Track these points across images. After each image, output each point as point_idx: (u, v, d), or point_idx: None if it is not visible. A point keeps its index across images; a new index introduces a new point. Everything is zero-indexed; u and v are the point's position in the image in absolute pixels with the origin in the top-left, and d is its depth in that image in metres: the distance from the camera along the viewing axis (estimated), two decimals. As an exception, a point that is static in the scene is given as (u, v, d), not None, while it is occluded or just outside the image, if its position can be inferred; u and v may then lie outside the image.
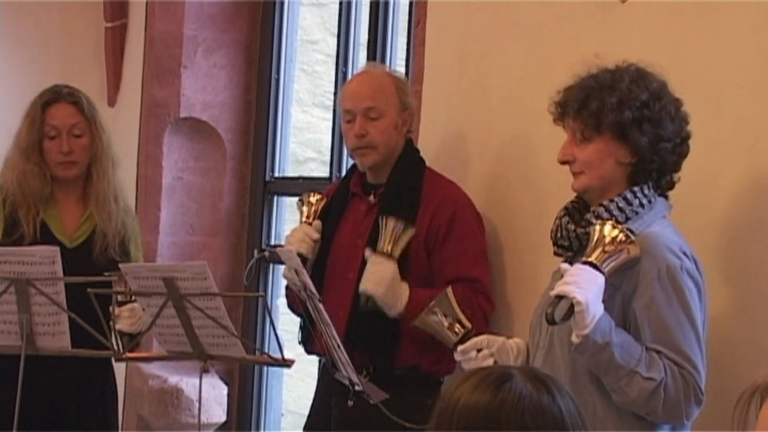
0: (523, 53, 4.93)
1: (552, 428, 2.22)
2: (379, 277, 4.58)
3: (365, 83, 4.95)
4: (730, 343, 3.83)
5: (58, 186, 5.20)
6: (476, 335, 3.91)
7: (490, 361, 3.86)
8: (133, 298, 4.77)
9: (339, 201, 4.98)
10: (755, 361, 3.78)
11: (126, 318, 4.82)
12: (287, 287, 4.99)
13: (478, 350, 3.88)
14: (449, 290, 3.97)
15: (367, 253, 4.61)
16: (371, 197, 4.87)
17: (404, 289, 4.61)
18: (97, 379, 5.22)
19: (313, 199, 4.96)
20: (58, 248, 4.72)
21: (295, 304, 4.95)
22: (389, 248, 4.59)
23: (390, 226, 4.58)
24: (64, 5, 7.87)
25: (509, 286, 4.72)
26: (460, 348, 3.89)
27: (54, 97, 5.24)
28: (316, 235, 4.86)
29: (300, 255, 4.74)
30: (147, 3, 7.43)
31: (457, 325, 3.91)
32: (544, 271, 4.05)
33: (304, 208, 4.96)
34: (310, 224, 4.90)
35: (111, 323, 4.57)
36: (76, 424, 5.12)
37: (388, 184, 4.83)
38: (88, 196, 5.18)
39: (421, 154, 4.95)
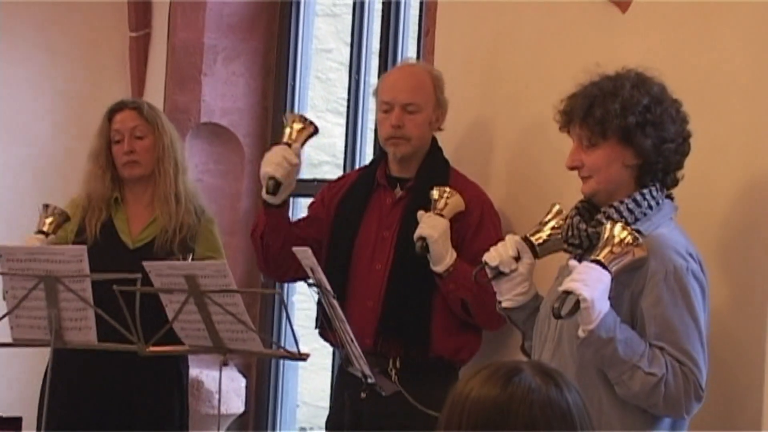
0: (527, 61, 4.93)
1: (560, 421, 2.21)
2: (434, 223, 4.56)
3: (406, 78, 4.91)
4: (727, 336, 3.82)
5: (129, 189, 5.27)
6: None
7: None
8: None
9: (362, 190, 4.94)
10: (751, 354, 3.77)
11: None
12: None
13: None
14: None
15: (421, 213, 4.59)
16: (397, 190, 4.83)
17: (453, 251, 4.59)
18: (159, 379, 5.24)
19: (298, 124, 4.92)
20: (85, 247, 4.75)
21: (274, 262, 5.00)
22: (440, 209, 4.58)
23: (439, 193, 4.60)
24: (91, 15, 7.87)
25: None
26: None
27: (119, 106, 5.35)
28: (296, 160, 4.80)
29: (274, 179, 4.78)
30: (169, 13, 7.43)
31: None
32: (552, 267, 4.05)
33: (287, 129, 4.90)
34: (290, 146, 4.85)
35: (135, 318, 4.55)
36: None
37: (418, 178, 4.79)
38: (156, 200, 5.20)
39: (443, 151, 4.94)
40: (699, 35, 4.16)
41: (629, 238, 3.58)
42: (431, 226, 4.55)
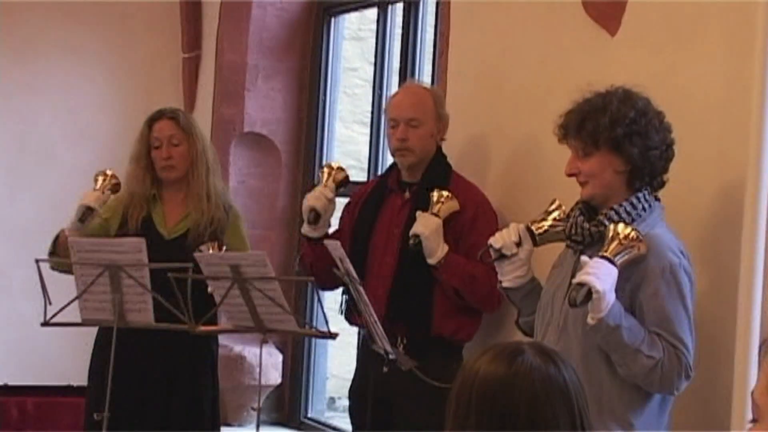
0: (529, 79, 4.91)
1: (558, 395, 2.21)
2: (427, 222, 4.57)
3: (409, 97, 4.93)
4: (704, 318, 3.80)
5: (166, 188, 5.24)
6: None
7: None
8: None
9: (377, 195, 4.96)
10: (725, 333, 3.76)
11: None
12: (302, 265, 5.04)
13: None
14: None
15: (418, 213, 4.61)
16: (406, 193, 4.85)
17: (444, 245, 4.59)
18: (197, 351, 5.21)
19: (334, 166, 4.97)
20: (143, 239, 4.74)
21: (320, 280, 4.94)
22: (436, 210, 4.59)
23: (437, 196, 4.60)
24: (149, 39, 7.87)
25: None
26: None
27: (158, 115, 5.32)
28: (331, 195, 4.87)
29: (314, 209, 4.85)
30: (217, 37, 7.44)
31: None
32: (547, 261, 4.06)
33: (325, 174, 4.95)
34: (326, 187, 4.89)
35: (188, 302, 4.56)
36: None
37: (421, 182, 4.81)
38: (189, 197, 5.20)
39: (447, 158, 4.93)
40: (678, 56, 4.15)
41: (633, 234, 3.59)
42: (424, 225, 4.58)
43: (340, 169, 5.01)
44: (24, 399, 6.13)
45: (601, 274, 3.52)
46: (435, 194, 4.63)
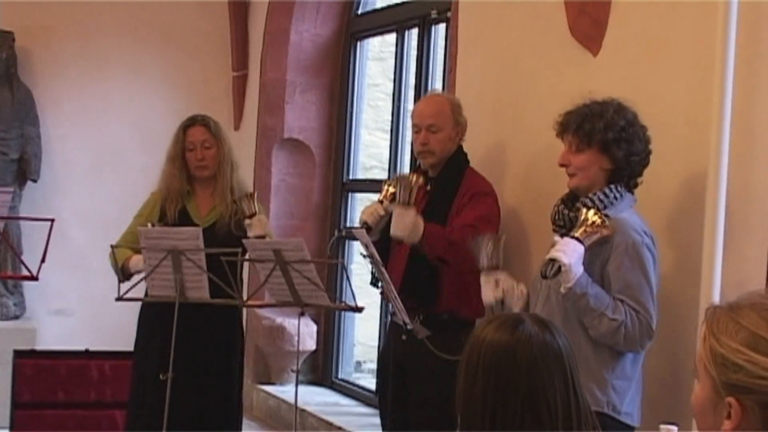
0: (523, 91, 4.91)
1: (553, 359, 2.21)
2: (403, 224, 4.43)
3: (429, 106, 4.83)
4: (671, 290, 3.81)
5: (198, 184, 5.21)
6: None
7: (498, 293, 3.91)
8: (259, 210, 4.98)
9: None
10: (688, 303, 3.76)
11: (256, 226, 4.91)
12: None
13: (496, 281, 3.92)
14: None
15: (393, 206, 4.49)
16: (428, 186, 4.74)
17: (420, 223, 4.43)
18: (228, 323, 5.21)
19: (391, 189, 4.66)
20: (200, 228, 4.78)
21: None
22: (406, 198, 4.46)
23: (404, 182, 4.47)
24: (205, 60, 7.90)
25: (534, 259, 4.62)
26: (485, 276, 3.97)
27: (191, 122, 5.28)
28: (383, 213, 4.68)
29: (366, 223, 4.66)
30: (261, 58, 7.46)
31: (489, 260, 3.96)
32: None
33: (384, 191, 4.71)
34: (381, 203, 4.73)
35: (237, 281, 4.57)
36: (214, 353, 5.17)
37: (437, 178, 4.71)
38: (216, 192, 5.19)
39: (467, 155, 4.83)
40: (649, 71, 4.15)
41: (598, 221, 3.60)
42: (400, 229, 4.43)
43: (394, 186, 4.74)
44: (102, 362, 6.15)
45: (568, 251, 3.54)
46: (403, 180, 4.48)
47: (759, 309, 1.68)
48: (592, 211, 3.61)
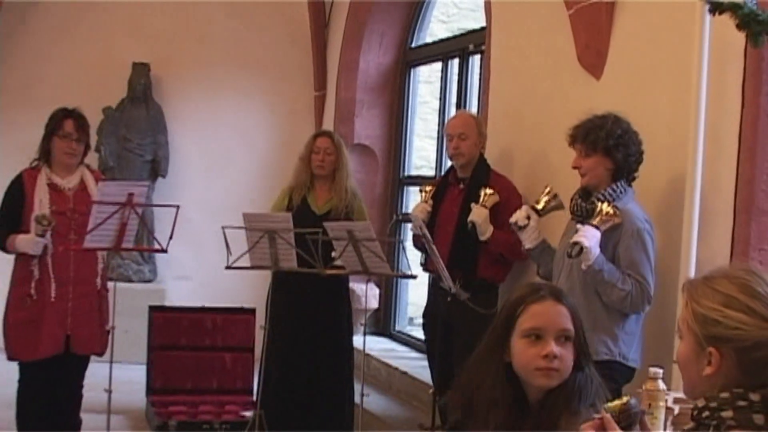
0: (538, 108, 4.89)
1: None
2: (479, 213, 4.52)
3: (459, 120, 4.90)
4: (658, 265, 3.78)
5: (317, 181, 5.22)
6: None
7: (522, 218, 3.99)
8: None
9: (442, 187, 4.91)
10: (671, 274, 3.75)
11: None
12: (414, 235, 4.98)
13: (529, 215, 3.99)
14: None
15: (473, 205, 4.56)
16: (461, 185, 4.81)
17: (490, 227, 4.54)
18: (336, 289, 5.22)
19: (428, 189, 4.91)
20: (290, 214, 4.78)
21: (416, 243, 4.93)
22: (484, 202, 4.54)
23: (484, 194, 4.56)
24: (293, 82, 7.92)
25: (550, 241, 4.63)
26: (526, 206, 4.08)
27: (321, 133, 5.38)
28: (429, 209, 4.82)
29: (421, 220, 4.73)
30: (337, 81, 7.48)
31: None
32: (558, 231, 4.04)
33: (422, 194, 4.92)
34: (426, 203, 4.87)
35: (319, 253, 4.57)
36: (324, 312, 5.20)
37: (471, 179, 4.75)
38: (332, 188, 5.19)
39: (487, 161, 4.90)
40: (640, 91, 4.12)
41: (611, 211, 3.61)
42: (477, 215, 4.53)
43: (431, 189, 4.91)
44: (215, 316, 6.21)
45: (588, 236, 3.54)
46: (482, 192, 4.57)
47: (729, 277, 1.69)
48: (606, 204, 3.62)
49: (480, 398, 2.10)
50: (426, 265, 4.89)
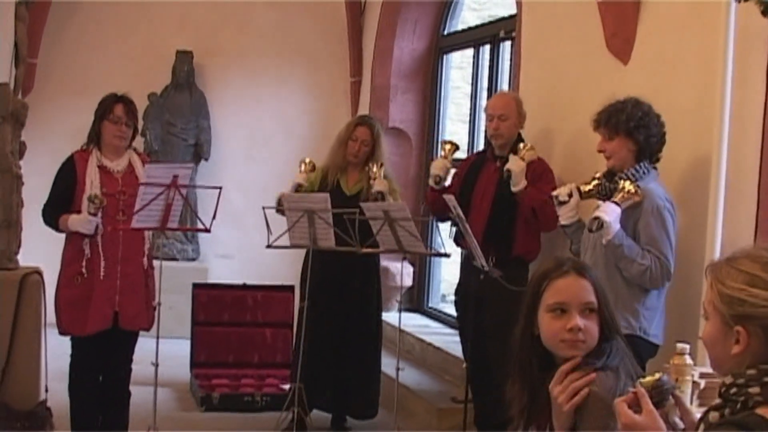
0: (568, 93, 4.88)
1: None
2: (516, 163, 4.49)
3: (500, 100, 4.85)
4: (683, 245, 3.77)
5: (350, 164, 5.20)
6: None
7: (564, 195, 3.88)
8: (382, 175, 4.96)
9: (478, 163, 4.87)
10: (696, 253, 3.74)
11: (378, 183, 4.92)
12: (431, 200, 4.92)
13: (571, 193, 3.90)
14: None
15: (511, 156, 4.53)
16: (497, 162, 4.74)
17: (525, 181, 4.51)
18: (366, 267, 5.25)
19: (447, 145, 4.88)
20: (328, 194, 4.77)
21: (436, 214, 4.89)
22: (522, 155, 4.51)
23: (523, 146, 4.52)
24: (331, 69, 7.94)
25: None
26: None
27: (361, 121, 5.31)
28: (449, 165, 4.80)
29: (439, 176, 4.76)
30: (372, 68, 7.49)
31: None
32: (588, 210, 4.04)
33: (446, 149, 4.87)
34: (446, 158, 4.84)
35: (356, 232, 4.57)
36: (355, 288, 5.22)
37: (507, 156, 4.65)
38: (363, 171, 5.15)
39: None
40: (667, 76, 4.10)
41: (632, 189, 3.60)
42: (514, 164, 4.49)
43: (453, 144, 4.92)
44: (255, 293, 6.26)
45: (609, 211, 3.55)
46: (521, 145, 4.55)
47: (752, 257, 1.68)
48: (628, 182, 3.62)
49: (533, 378, 2.13)
50: (457, 240, 4.85)
